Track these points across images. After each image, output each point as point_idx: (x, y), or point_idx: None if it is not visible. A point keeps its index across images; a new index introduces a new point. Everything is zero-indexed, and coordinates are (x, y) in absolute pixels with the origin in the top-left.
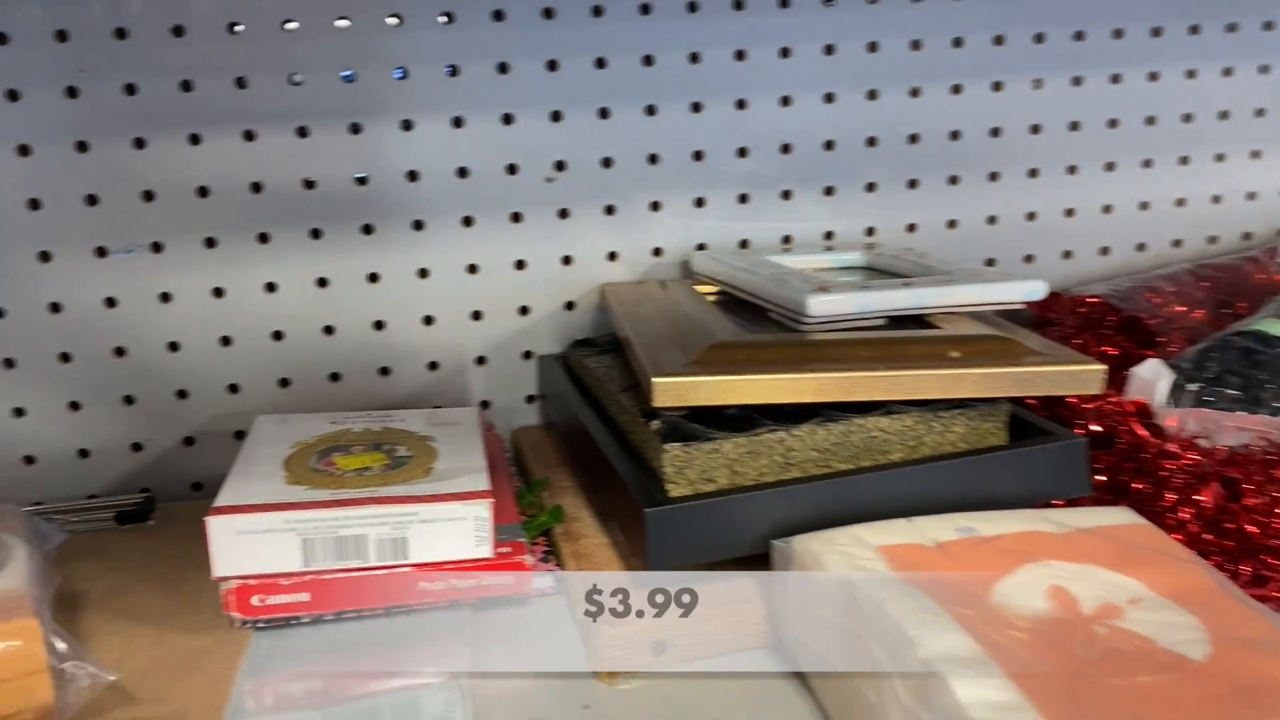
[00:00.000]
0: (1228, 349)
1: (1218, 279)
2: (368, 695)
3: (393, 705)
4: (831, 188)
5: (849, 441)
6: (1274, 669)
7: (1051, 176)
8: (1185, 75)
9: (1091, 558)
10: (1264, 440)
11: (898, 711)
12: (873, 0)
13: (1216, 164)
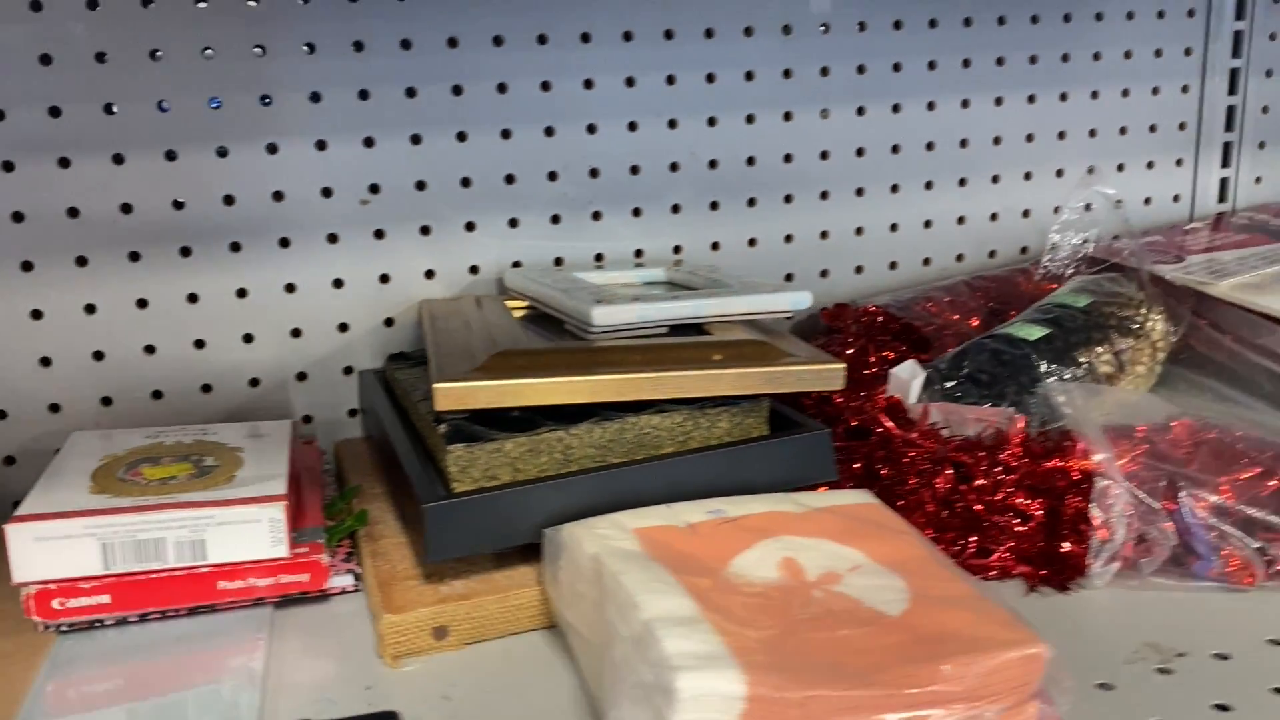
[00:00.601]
0: (980, 351)
1: (990, 289)
2: (163, 693)
3: (187, 701)
4: (639, 209)
5: (624, 438)
6: (955, 620)
7: (841, 198)
8: (960, 105)
9: (823, 533)
10: (994, 429)
11: (625, 666)
12: (669, 37)
13: (993, 185)
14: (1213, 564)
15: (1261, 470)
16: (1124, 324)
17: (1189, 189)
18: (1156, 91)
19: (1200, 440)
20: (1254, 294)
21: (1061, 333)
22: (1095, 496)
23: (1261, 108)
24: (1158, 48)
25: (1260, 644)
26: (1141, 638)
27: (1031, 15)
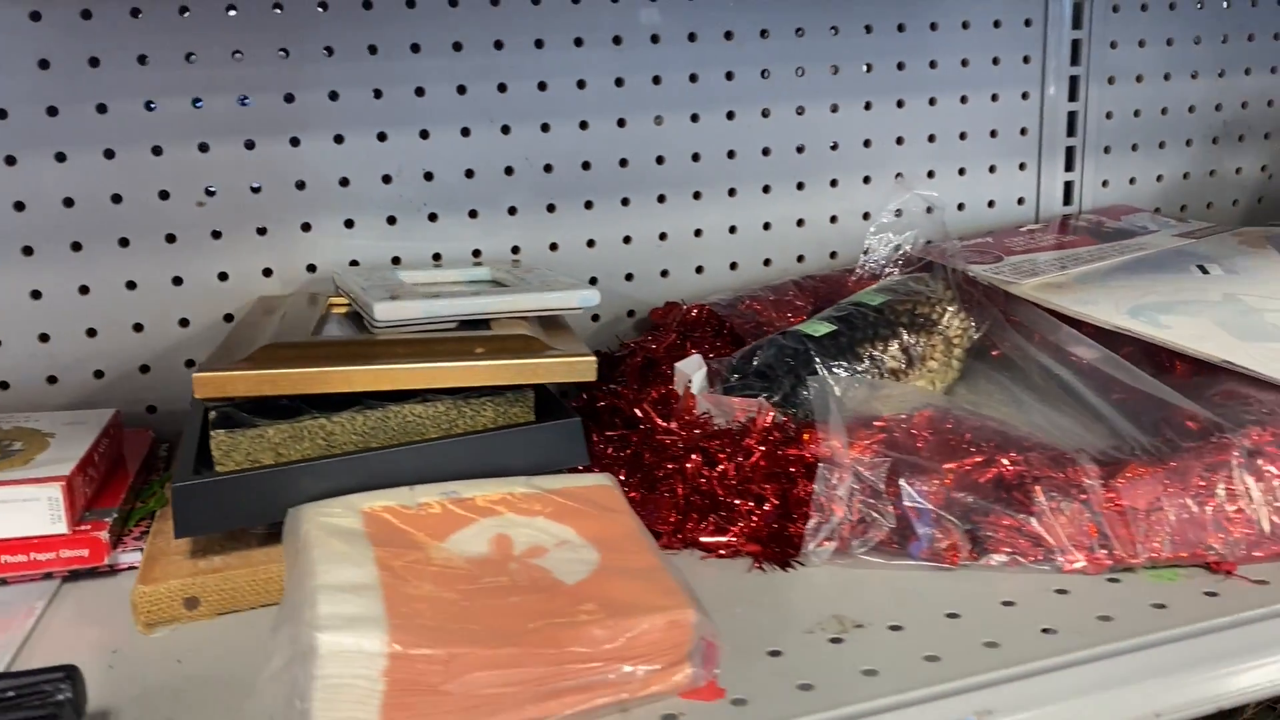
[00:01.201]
0: (769, 347)
1: (818, 288)
2: None
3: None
4: (475, 211)
5: (387, 426)
6: (622, 589)
7: (679, 201)
8: (795, 112)
9: (543, 513)
10: (745, 418)
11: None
12: (499, 47)
13: (831, 189)
14: (925, 544)
15: (982, 459)
16: (917, 321)
17: (1033, 192)
18: (996, 98)
19: (936, 430)
20: (1051, 293)
21: (849, 329)
22: (818, 480)
23: (1105, 113)
24: (995, 56)
25: (937, 617)
26: (832, 610)
27: (865, 25)
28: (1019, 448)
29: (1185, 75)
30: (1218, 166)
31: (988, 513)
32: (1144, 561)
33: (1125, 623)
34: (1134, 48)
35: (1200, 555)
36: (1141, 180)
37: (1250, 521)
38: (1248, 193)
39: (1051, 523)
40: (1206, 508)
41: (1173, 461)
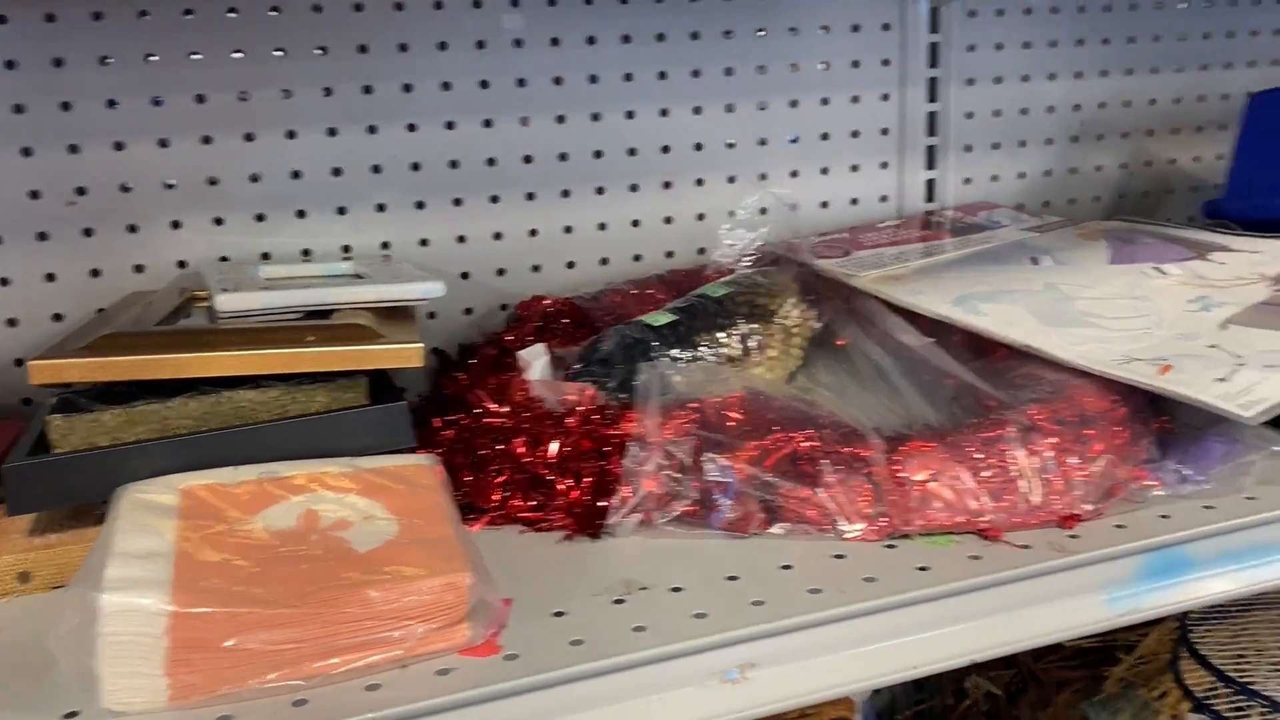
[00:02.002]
0: (613, 336)
1: (680, 282)
2: None
3: None
4: (344, 208)
5: (220, 411)
6: (408, 556)
7: (547, 199)
8: (659, 114)
9: (355, 490)
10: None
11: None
12: (364, 50)
13: (697, 187)
14: (724, 515)
15: (780, 437)
16: (756, 311)
17: (895, 190)
18: (857, 100)
19: (745, 411)
20: (888, 284)
21: (689, 319)
22: (626, 457)
23: (965, 113)
24: (855, 59)
25: (718, 580)
26: (624, 575)
27: (724, 30)
28: (815, 425)
29: (1043, 77)
30: (1079, 164)
31: (781, 486)
32: (919, 529)
33: (888, 583)
34: (992, 50)
35: (973, 523)
36: (1004, 178)
37: (1020, 491)
38: (1109, 189)
39: (836, 493)
40: (980, 478)
41: (950, 436)
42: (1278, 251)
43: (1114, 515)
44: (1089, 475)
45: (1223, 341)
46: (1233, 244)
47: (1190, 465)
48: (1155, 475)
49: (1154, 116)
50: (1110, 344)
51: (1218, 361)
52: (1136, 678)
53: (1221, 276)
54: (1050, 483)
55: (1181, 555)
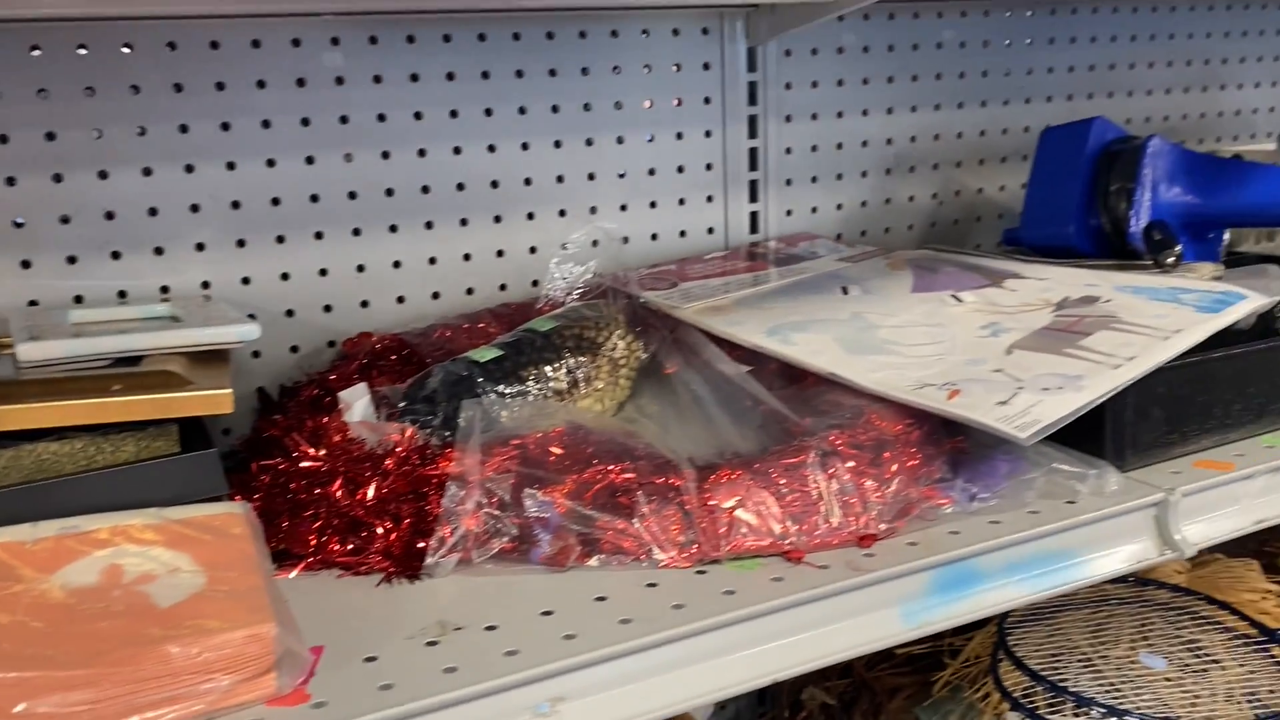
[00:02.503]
0: (438, 373)
1: (512, 316)
2: None
3: None
4: (161, 248)
5: (20, 464)
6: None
7: (375, 235)
8: (487, 150)
9: (161, 542)
10: (386, 443)
11: None
12: (179, 89)
13: (528, 221)
14: (542, 551)
15: (598, 470)
16: (583, 344)
17: (721, 222)
18: (681, 136)
19: (566, 445)
20: (709, 315)
21: (515, 354)
22: (446, 496)
23: (784, 149)
24: (678, 97)
25: (533, 616)
26: (440, 616)
27: (549, 69)
28: (632, 458)
29: (857, 113)
30: (893, 195)
31: (598, 518)
32: (728, 554)
33: (695, 609)
34: (808, 88)
35: (778, 546)
36: (823, 209)
37: (821, 514)
38: (921, 218)
39: (650, 523)
40: (784, 503)
41: (757, 463)
42: (1063, 278)
43: (908, 533)
44: (885, 496)
45: (1007, 366)
46: (1024, 271)
47: (978, 483)
48: (947, 494)
49: (961, 149)
50: (906, 370)
51: (1000, 385)
52: (963, 680)
53: (1011, 303)
54: (849, 504)
55: (970, 568)
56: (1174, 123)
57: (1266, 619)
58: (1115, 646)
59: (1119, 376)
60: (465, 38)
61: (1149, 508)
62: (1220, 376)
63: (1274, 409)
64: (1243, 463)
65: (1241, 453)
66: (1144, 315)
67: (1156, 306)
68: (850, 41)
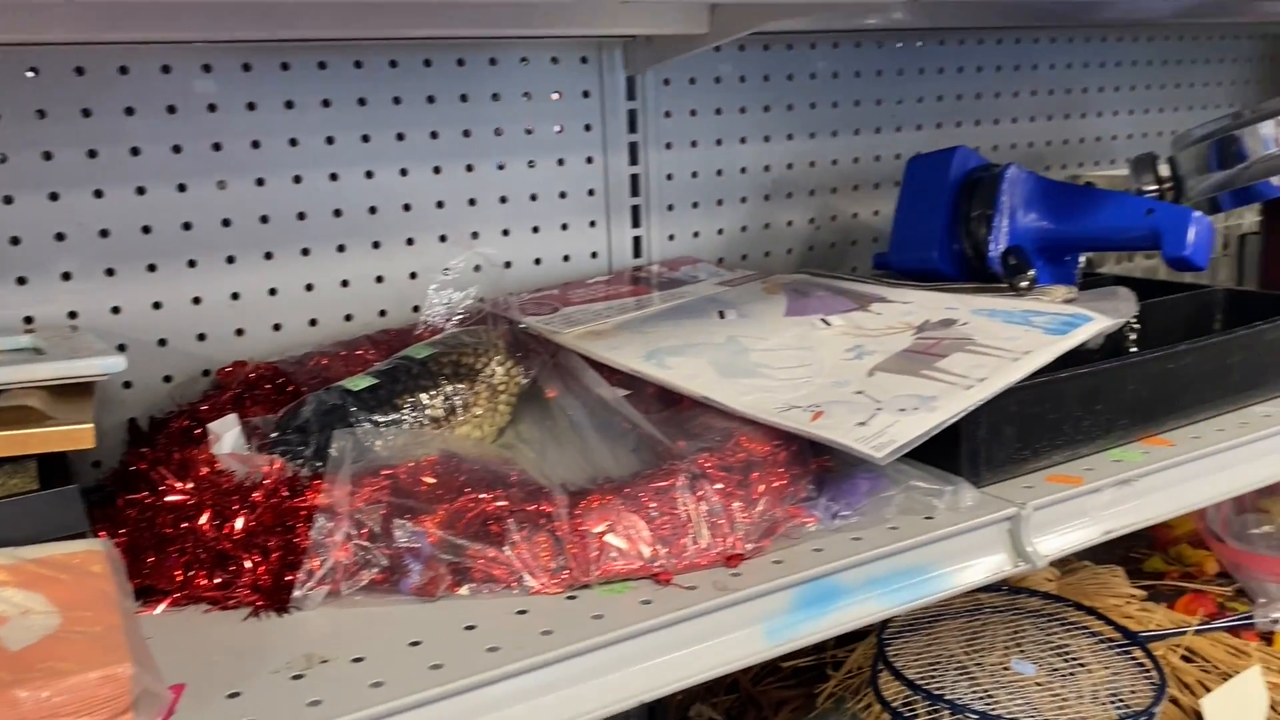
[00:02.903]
0: (311, 403)
1: (391, 342)
2: None
3: None
4: (24, 278)
5: None
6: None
7: (250, 262)
8: (364, 176)
9: (13, 582)
10: (254, 474)
11: None
12: (42, 115)
13: (408, 247)
14: (412, 581)
15: (470, 498)
16: (461, 371)
17: (604, 247)
18: (562, 162)
19: (438, 474)
20: (589, 340)
21: (391, 382)
22: (314, 529)
23: (665, 175)
24: (558, 125)
25: (401, 647)
26: (307, 650)
27: (428, 96)
28: (504, 485)
29: (735, 140)
30: (771, 220)
31: (469, 547)
32: (598, 578)
33: (563, 634)
34: (687, 116)
35: (647, 569)
36: (704, 234)
37: (690, 536)
38: (800, 242)
39: (521, 551)
40: (653, 526)
41: (628, 488)
42: (926, 302)
43: (774, 552)
44: (751, 516)
45: (868, 388)
46: (890, 295)
47: (841, 501)
48: (811, 512)
49: (837, 175)
50: (775, 393)
51: (861, 406)
52: (845, 692)
53: (876, 326)
54: (717, 526)
55: (832, 584)
56: (1038, 149)
57: (1130, 622)
58: (990, 654)
59: (970, 397)
60: (341, 65)
61: (1002, 522)
62: (1068, 395)
63: (1120, 424)
64: (1091, 476)
65: (1091, 467)
66: (997, 337)
67: (1009, 329)
68: (727, 72)
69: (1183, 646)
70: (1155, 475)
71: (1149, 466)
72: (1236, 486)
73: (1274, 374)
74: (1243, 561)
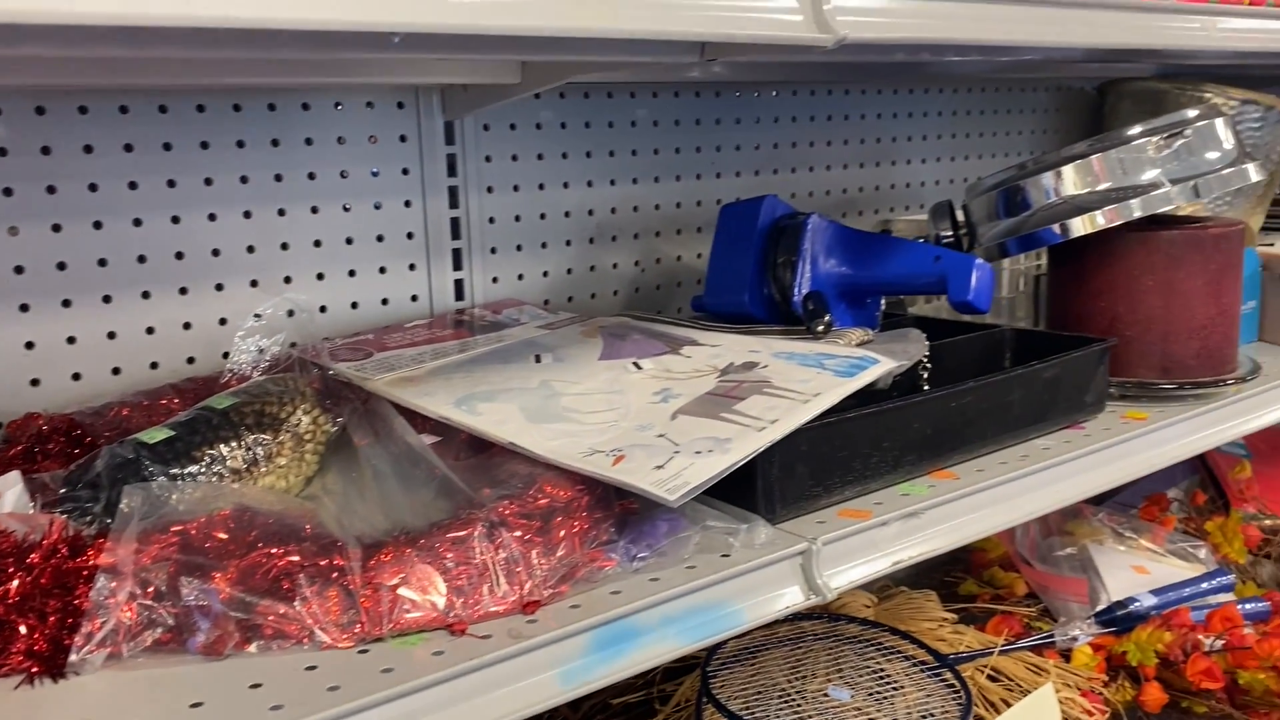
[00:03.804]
0: (104, 456)
1: (197, 390)
2: None
3: None
4: None
5: None
6: None
7: (45, 310)
8: (171, 220)
9: None
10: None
11: None
12: None
13: (218, 292)
14: (199, 640)
15: (262, 553)
16: (264, 420)
17: (425, 290)
18: (380, 206)
19: (230, 529)
20: (400, 386)
21: (189, 434)
22: (94, 589)
23: (488, 218)
24: (374, 169)
25: (182, 709)
26: (81, 716)
27: (237, 140)
28: (298, 539)
29: (558, 185)
30: (597, 263)
31: (259, 603)
32: (391, 631)
33: (350, 689)
34: (509, 161)
35: (442, 620)
36: (530, 276)
37: (487, 585)
38: (625, 284)
39: (312, 606)
40: (449, 577)
41: (423, 539)
42: (733, 345)
43: (573, 596)
44: (551, 563)
45: (669, 431)
46: (702, 338)
47: (641, 543)
48: (611, 555)
49: (659, 219)
50: (581, 438)
51: (660, 450)
52: None
53: (684, 369)
54: (514, 574)
55: (628, 626)
56: (851, 195)
57: (942, 645)
58: (811, 681)
59: (761, 438)
60: (144, 110)
61: (794, 557)
62: (857, 434)
63: (908, 459)
64: (880, 510)
65: (880, 501)
66: (792, 380)
67: (803, 371)
68: (548, 118)
69: (989, 666)
70: (941, 508)
71: (935, 499)
72: (1018, 515)
73: (1052, 409)
74: (1046, 583)
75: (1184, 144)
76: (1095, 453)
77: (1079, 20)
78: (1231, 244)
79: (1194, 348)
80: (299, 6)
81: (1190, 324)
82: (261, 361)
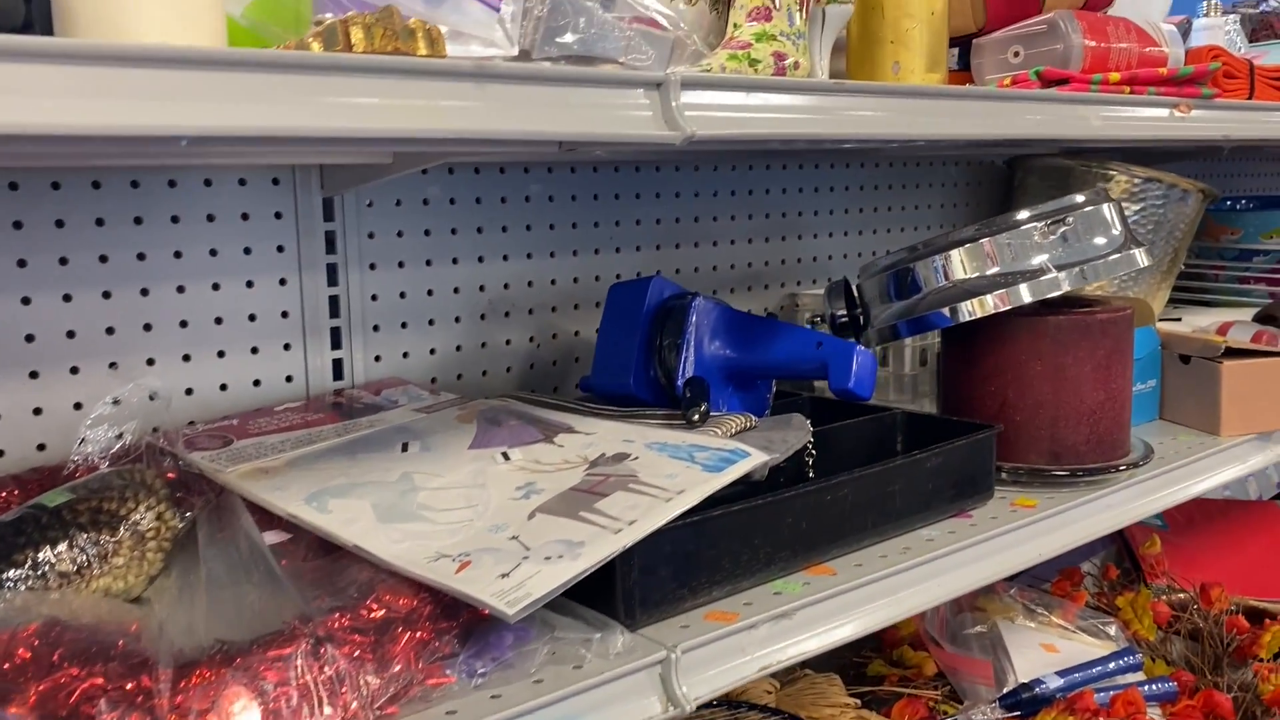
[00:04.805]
0: None
1: (40, 481)
2: None
3: None
4: None
5: None
6: None
7: None
8: (21, 302)
9: None
10: None
11: None
12: None
13: (73, 376)
14: None
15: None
16: (101, 518)
17: (301, 370)
18: (252, 285)
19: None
20: (252, 479)
21: (13, 534)
22: None
23: (370, 295)
24: (246, 246)
25: None
26: None
27: (96, 218)
28: (106, 658)
29: (447, 261)
30: (489, 340)
31: None
32: None
33: None
34: (393, 237)
35: None
36: (416, 354)
37: (307, 707)
38: (519, 360)
39: None
40: (266, 701)
41: (241, 656)
42: (607, 433)
43: (405, 718)
44: (383, 680)
45: (524, 532)
46: (578, 425)
47: (484, 656)
48: (450, 670)
49: (556, 295)
50: (429, 540)
51: (510, 555)
52: None
53: (553, 461)
54: (339, 695)
55: None
56: (756, 269)
57: None
58: None
59: (616, 542)
60: None
61: (652, 666)
62: (725, 531)
63: (782, 555)
64: (749, 611)
65: (750, 601)
66: (659, 474)
67: (672, 465)
68: (435, 194)
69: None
70: (814, 606)
71: (809, 598)
72: (898, 612)
73: (938, 497)
74: (954, 665)
75: (1069, 230)
76: (981, 543)
77: (928, 111)
78: (1120, 329)
79: (1084, 433)
80: (83, 112)
81: (1079, 409)
82: (110, 450)
